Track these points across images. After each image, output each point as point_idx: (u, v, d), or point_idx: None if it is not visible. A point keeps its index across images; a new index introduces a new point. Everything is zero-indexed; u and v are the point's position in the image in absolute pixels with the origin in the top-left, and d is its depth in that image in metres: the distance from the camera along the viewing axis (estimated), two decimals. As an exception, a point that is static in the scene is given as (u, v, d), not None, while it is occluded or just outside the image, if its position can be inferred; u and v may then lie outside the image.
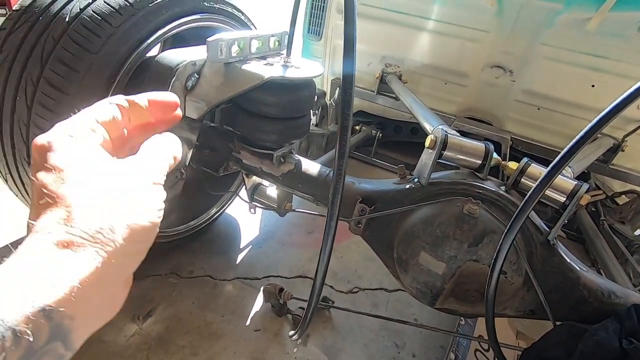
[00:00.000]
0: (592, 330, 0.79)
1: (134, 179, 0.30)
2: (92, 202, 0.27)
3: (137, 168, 0.32)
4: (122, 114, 0.35)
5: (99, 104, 0.35)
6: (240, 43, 0.98)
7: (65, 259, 0.25)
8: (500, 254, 0.71)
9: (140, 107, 0.37)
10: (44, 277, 0.23)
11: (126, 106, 0.36)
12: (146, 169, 0.32)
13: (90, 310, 0.26)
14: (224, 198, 1.65)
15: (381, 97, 2.26)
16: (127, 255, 0.28)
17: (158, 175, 0.32)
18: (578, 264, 0.92)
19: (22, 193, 1.05)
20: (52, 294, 0.23)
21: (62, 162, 0.28)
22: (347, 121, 0.54)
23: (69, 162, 0.29)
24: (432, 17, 2.03)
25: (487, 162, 0.95)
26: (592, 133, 0.57)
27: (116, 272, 0.27)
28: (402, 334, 1.37)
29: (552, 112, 1.96)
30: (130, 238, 0.28)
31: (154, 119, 0.38)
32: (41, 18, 0.91)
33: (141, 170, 0.31)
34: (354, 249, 1.72)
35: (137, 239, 0.28)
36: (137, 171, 0.31)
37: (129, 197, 0.29)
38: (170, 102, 0.39)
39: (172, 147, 0.36)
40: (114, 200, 0.28)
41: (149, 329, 1.24)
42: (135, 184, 0.30)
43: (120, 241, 0.27)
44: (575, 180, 0.88)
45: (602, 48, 1.73)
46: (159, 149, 0.35)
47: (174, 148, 0.36)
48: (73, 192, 0.27)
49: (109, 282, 0.27)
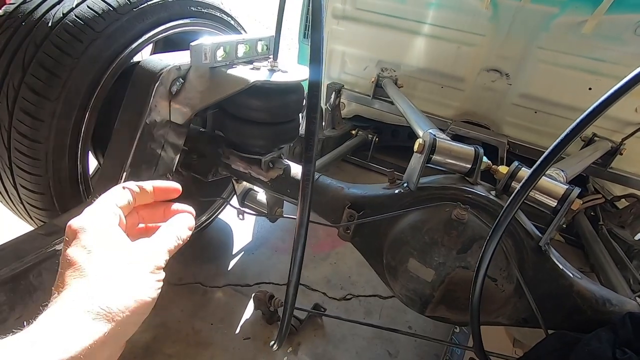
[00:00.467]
0: (585, 339, 0.76)
1: (142, 266, 0.39)
2: (110, 282, 0.36)
3: (146, 255, 0.40)
4: (132, 197, 0.45)
5: (116, 189, 0.44)
6: (226, 47, 0.97)
7: (83, 325, 0.32)
8: (485, 258, 0.68)
9: (146, 192, 0.46)
10: (65, 337, 0.31)
11: (137, 192, 0.45)
12: (152, 255, 0.40)
13: None
14: (215, 204, 1.63)
15: (377, 101, 2.25)
16: (129, 324, 0.35)
17: (161, 260, 0.41)
18: (572, 271, 0.89)
19: (5, 199, 1.04)
20: (68, 350, 0.30)
21: (91, 243, 0.37)
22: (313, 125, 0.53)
23: (96, 244, 0.37)
24: (428, 21, 2.02)
25: (477, 166, 0.93)
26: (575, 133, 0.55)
27: (118, 338, 0.34)
28: (395, 342, 1.34)
29: (549, 116, 1.94)
30: (134, 311, 0.35)
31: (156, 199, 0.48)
32: (24, 23, 0.90)
33: (148, 257, 0.40)
34: (348, 255, 1.69)
35: (139, 311, 0.36)
36: (144, 259, 0.40)
37: (138, 279, 0.38)
38: (172, 189, 0.48)
39: (179, 231, 0.45)
40: (126, 281, 0.36)
41: (136, 337, 1.22)
42: (143, 269, 0.39)
43: (127, 313, 0.35)
44: (567, 185, 0.85)
45: (599, 51, 1.71)
46: (166, 235, 0.44)
47: (181, 232, 0.45)
48: (97, 271, 0.36)
49: (112, 344, 0.34)
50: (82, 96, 0.92)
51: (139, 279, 0.37)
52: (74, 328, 0.32)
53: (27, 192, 0.96)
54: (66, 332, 0.31)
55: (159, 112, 0.98)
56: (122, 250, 0.39)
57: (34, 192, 0.95)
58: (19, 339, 0.30)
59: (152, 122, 0.97)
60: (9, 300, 0.74)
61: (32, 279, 0.77)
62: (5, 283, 0.73)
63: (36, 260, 0.78)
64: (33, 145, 0.89)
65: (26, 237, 0.83)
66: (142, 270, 0.38)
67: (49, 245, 0.81)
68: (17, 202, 1.01)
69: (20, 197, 0.98)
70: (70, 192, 1.00)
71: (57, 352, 0.30)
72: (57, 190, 0.97)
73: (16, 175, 0.94)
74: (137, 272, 0.38)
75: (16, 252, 0.78)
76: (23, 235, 0.84)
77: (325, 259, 1.66)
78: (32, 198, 0.96)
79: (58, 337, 0.31)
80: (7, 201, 1.04)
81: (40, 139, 0.89)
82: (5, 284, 0.73)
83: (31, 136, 0.88)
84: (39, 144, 0.89)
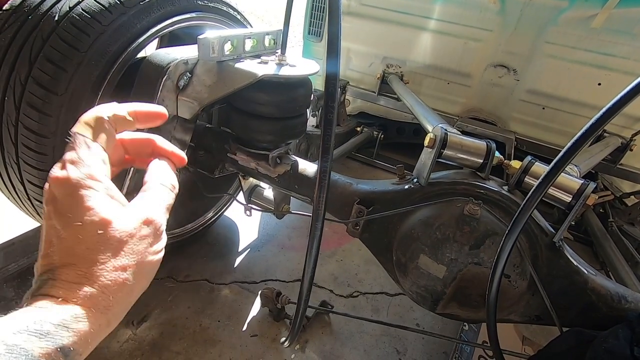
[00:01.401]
0: (601, 336, 0.74)
1: (139, 233, 0.35)
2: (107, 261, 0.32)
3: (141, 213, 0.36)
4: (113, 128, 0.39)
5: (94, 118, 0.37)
6: (233, 41, 0.96)
7: (83, 313, 0.30)
8: (502, 256, 0.67)
9: (125, 119, 0.40)
10: (66, 323, 0.29)
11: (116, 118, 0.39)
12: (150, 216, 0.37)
13: (93, 345, 0.32)
14: (222, 201, 1.62)
15: (383, 98, 2.23)
16: (134, 291, 0.34)
17: (162, 224, 0.38)
18: (586, 267, 0.88)
19: (12, 195, 1.03)
20: (70, 338, 0.29)
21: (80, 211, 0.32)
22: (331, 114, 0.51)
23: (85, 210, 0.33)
24: (434, 16, 2.00)
25: (488, 161, 0.91)
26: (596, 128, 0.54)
27: (122, 310, 0.33)
28: (403, 340, 1.33)
29: (557, 112, 1.92)
30: (140, 275, 0.34)
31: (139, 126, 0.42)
32: (30, 17, 0.89)
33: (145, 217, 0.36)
34: (355, 252, 1.68)
35: (145, 274, 0.35)
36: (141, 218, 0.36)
37: (137, 253, 0.35)
38: (155, 113, 0.42)
39: (171, 179, 0.41)
40: (125, 257, 0.33)
41: (143, 334, 1.21)
42: (142, 240, 0.35)
43: (132, 280, 0.33)
44: (582, 180, 0.84)
45: (608, 45, 1.69)
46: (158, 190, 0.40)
47: (171, 180, 0.41)
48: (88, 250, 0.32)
49: (115, 321, 0.33)
50: (89, 91, 0.91)
51: (145, 241, 0.35)
52: (72, 314, 0.30)
53: (34, 188, 0.95)
54: (63, 317, 0.29)
55: (166, 107, 0.96)
56: (117, 219, 0.35)
57: (41, 188, 0.94)
58: (16, 322, 0.28)
59: (160, 117, 0.96)
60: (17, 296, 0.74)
61: (40, 274, 0.77)
62: (14, 279, 0.73)
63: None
64: (40, 140, 0.88)
65: (34, 233, 0.83)
66: (141, 244, 0.35)
67: (57, 241, 0.81)
68: (25, 197, 1.00)
69: (28, 192, 0.97)
70: (77, 188, 0.99)
71: (61, 339, 0.28)
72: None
73: (23, 171, 0.93)
74: (135, 245, 0.35)
75: (24, 248, 0.78)
76: (31, 231, 0.84)
77: (331, 256, 1.65)
78: (39, 194, 0.96)
79: (61, 323, 0.29)
80: (15, 197, 1.04)
81: (47, 133, 0.88)
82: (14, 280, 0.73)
83: (38, 131, 0.87)
84: (46, 139, 0.88)
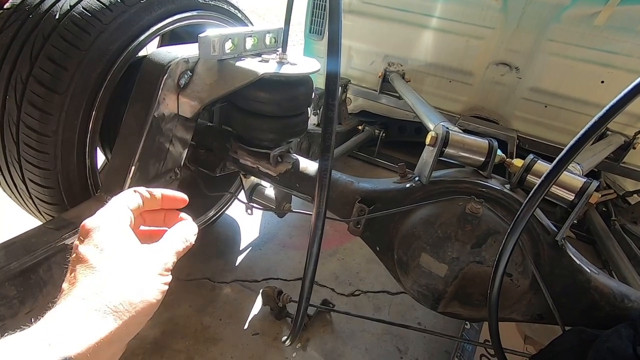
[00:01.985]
0: (604, 336, 0.74)
1: (151, 267, 0.39)
2: (120, 280, 0.36)
3: (155, 256, 0.41)
4: (142, 202, 0.46)
5: (128, 192, 0.45)
6: (234, 39, 0.96)
7: (91, 322, 0.33)
8: (504, 255, 0.67)
9: (155, 199, 0.47)
10: (72, 334, 0.31)
11: (147, 197, 0.46)
12: (161, 257, 0.41)
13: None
14: (223, 199, 1.62)
15: (384, 96, 2.23)
16: (134, 324, 0.36)
17: (169, 262, 0.41)
18: (589, 266, 0.87)
19: (14, 194, 1.03)
20: (74, 348, 0.31)
21: (103, 242, 0.38)
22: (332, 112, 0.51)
23: (108, 243, 0.38)
24: (436, 14, 1.99)
25: (490, 160, 0.91)
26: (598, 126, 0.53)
27: (123, 337, 0.35)
28: (405, 338, 1.33)
29: (560, 110, 1.91)
30: (140, 311, 0.36)
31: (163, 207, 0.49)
32: (31, 16, 0.89)
33: (156, 259, 0.41)
34: (356, 251, 1.68)
35: (145, 312, 0.37)
36: (154, 260, 0.40)
37: (146, 279, 0.38)
38: (180, 199, 0.49)
39: (187, 235, 0.46)
40: (135, 280, 0.37)
41: (145, 333, 1.22)
42: (151, 270, 0.39)
43: (133, 312, 0.35)
44: (585, 178, 0.83)
45: (611, 43, 1.68)
46: (174, 239, 0.44)
47: (188, 236, 0.46)
48: (107, 269, 0.36)
49: (116, 343, 0.35)
50: (90, 89, 0.91)
51: (147, 279, 0.38)
52: (82, 325, 0.32)
53: (35, 187, 0.95)
54: (74, 329, 0.32)
55: (167, 106, 0.97)
56: (132, 251, 0.40)
57: (43, 187, 0.94)
58: (27, 335, 0.31)
59: (160, 115, 0.96)
60: (19, 295, 0.74)
61: (41, 273, 0.77)
62: (16, 277, 0.73)
63: (46, 254, 0.77)
64: (41, 139, 0.88)
65: (36, 232, 0.83)
66: (151, 272, 0.39)
67: (58, 240, 0.81)
68: (26, 196, 1.00)
69: (29, 191, 0.97)
70: (79, 186, 0.99)
71: (65, 349, 0.30)
72: (66, 184, 0.96)
73: (25, 170, 0.93)
74: (146, 272, 0.39)
75: (26, 246, 0.78)
76: (33, 230, 0.84)
77: (333, 255, 1.65)
78: (41, 192, 0.96)
79: (66, 334, 0.31)
80: (16, 196, 1.04)
81: (48, 132, 0.88)
82: (16, 278, 0.73)
83: (40, 130, 0.87)
84: (48, 138, 0.88)
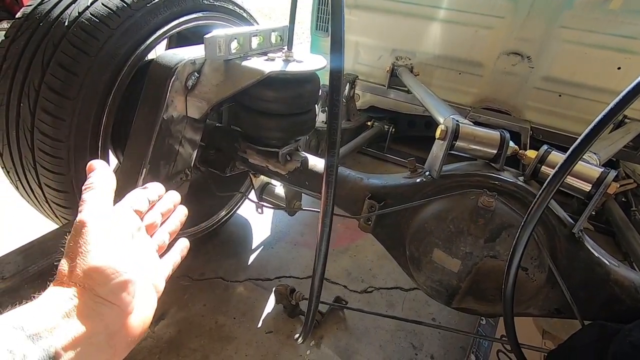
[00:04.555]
0: (625, 330, 0.72)
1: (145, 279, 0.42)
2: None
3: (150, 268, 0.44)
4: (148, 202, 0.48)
5: (134, 193, 0.48)
6: (239, 39, 0.96)
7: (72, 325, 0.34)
8: (518, 248, 0.65)
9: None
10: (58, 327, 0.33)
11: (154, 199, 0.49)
12: (157, 272, 0.45)
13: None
14: (234, 199, 1.63)
15: (393, 91, 2.20)
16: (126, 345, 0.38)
17: (161, 284, 0.45)
18: (608, 259, 0.85)
19: (31, 199, 1.06)
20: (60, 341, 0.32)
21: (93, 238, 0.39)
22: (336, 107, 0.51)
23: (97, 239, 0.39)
24: (443, 5, 1.96)
25: (503, 152, 0.89)
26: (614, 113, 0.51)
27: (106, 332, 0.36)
28: (419, 335, 1.31)
29: (574, 99, 1.86)
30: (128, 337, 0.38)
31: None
32: (42, 24, 0.91)
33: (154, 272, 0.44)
34: (368, 248, 1.67)
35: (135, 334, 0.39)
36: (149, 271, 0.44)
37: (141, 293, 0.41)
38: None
39: (175, 259, 0.49)
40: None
41: (161, 332, 1.24)
42: (144, 283, 0.42)
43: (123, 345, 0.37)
44: (602, 168, 0.81)
45: (628, 27, 1.62)
46: (165, 264, 0.47)
47: (176, 259, 0.49)
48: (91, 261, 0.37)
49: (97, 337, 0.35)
50: (100, 94, 0.92)
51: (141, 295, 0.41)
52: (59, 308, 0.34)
53: (51, 191, 0.97)
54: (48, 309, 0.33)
55: (176, 108, 0.98)
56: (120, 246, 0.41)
57: (58, 191, 0.97)
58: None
59: (169, 117, 0.97)
60: (37, 297, 0.76)
61: (59, 275, 0.79)
62: (34, 280, 0.75)
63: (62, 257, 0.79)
64: (55, 144, 0.90)
65: (52, 235, 0.85)
66: (146, 284, 0.43)
67: (74, 242, 0.82)
68: (43, 201, 1.03)
69: (46, 196, 1.00)
70: (93, 190, 1.01)
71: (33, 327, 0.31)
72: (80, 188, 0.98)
73: (41, 175, 0.95)
74: (141, 287, 0.42)
75: (43, 250, 0.80)
76: (49, 233, 0.86)
77: (344, 252, 1.64)
78: (56, 197, 0.98)
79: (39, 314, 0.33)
80: (34, 201, 1.06)
81: (61, 137, 0.90)
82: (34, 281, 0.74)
83: (53, 135, 0.89)
84: (61, 143, 0.90)
